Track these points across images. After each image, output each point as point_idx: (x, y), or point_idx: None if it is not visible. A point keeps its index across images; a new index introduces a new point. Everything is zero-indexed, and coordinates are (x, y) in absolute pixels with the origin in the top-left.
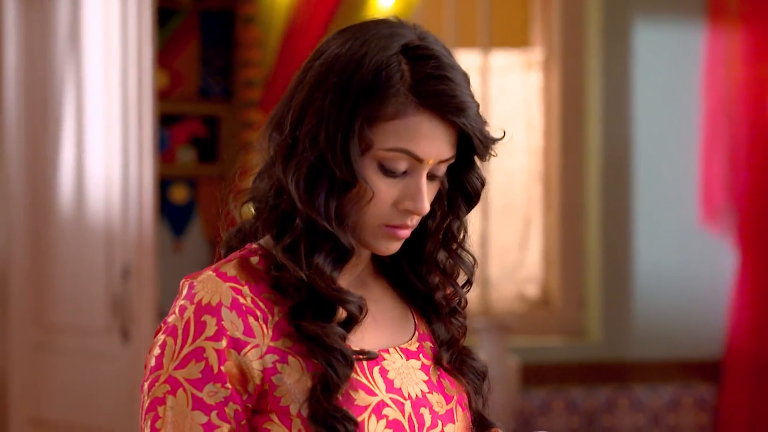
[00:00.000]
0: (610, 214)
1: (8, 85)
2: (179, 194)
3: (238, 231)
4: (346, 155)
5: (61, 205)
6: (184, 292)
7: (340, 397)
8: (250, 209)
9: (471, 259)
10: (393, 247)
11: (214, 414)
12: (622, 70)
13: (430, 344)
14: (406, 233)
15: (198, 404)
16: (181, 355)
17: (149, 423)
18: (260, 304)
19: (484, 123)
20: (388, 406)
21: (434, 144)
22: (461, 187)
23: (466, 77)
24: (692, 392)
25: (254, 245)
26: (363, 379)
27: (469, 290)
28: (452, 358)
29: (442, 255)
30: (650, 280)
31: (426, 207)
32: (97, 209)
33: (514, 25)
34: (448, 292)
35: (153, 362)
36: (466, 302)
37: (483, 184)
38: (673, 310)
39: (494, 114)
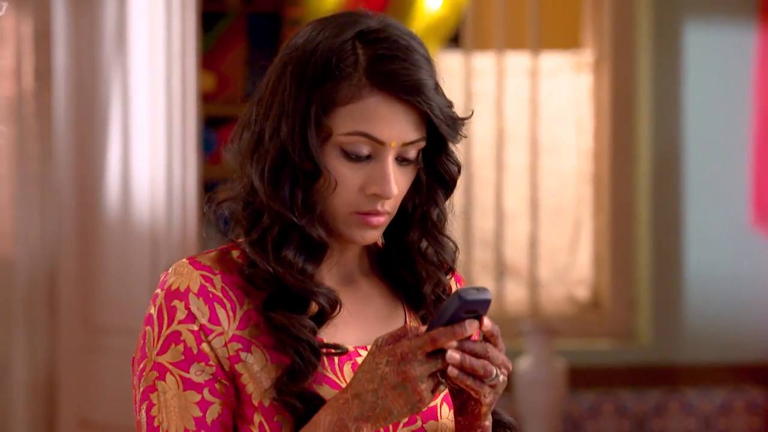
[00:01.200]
0: (660, 215)
1: (58, 87)
2: (224, 194)
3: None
4: (305, 144)
5: (108, 207)
6: (160, 280)
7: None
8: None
9: (453, 246)
10: (369, 235)
11: (206, 391)
12: (673, 70)
13: None
14: (378, 220)
15: (188, 384)
16: (161, 341)
17: (144, 413)
18: (230, 293)
19: (448, 103)
20: None
21: (394, 125)
22: (436, 173)
23: (426, 59)
24: (744, 396)
25: (239, 241)
26: (330, 374)
27: (451, 277)
28: None
29: (424, 243)
30: (701, 282)
31: (393, 190)
32: (143, 211)
33: (564, 26)
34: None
35: (138, 354)
36: (450, 289)
37: (459, 168)
38: (724, 313)
39: (544, 116)
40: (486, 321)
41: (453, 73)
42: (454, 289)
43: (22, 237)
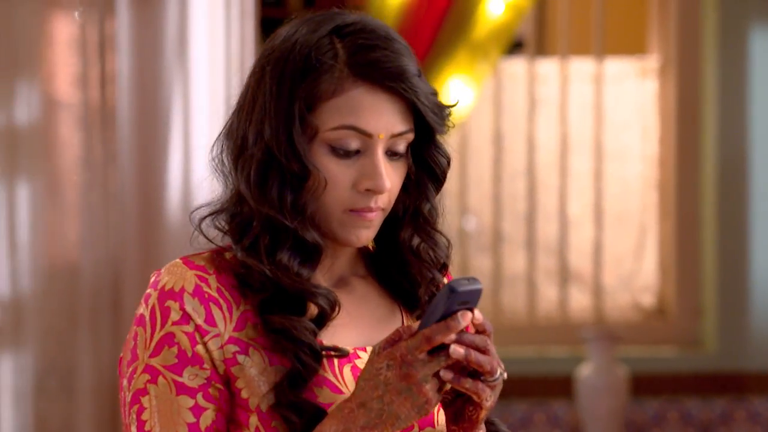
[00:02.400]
0: (726, 221)
1: (121, 94)
2: None
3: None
4: (290, 143)
5: (170, 212)
6: (151, 280)
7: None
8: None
9: (445, 241)
10: (363, 235)
11: (199, 396)
12: (739, 76)
13: None
14: (372, 216)
15: (181, 389)
16: (153, 343)
17: (135, 416)
18: (226, 294)
19: (433, 91)
20: None
21: (380, 116)
22: (426, 166)
23: (406, 48)
24: None
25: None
26: (330, 376)
27: (444, 274)
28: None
29: (416, 240)
30: (767, 288)
31: (386, 184)
32: None
33: (629, 32)
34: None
35: (129, 355)
36: (439, 286)
37: (448, 161)
38: None
39: (608, 122)
40: (477, 314)
41: (516, 79)
42: None
43: (86, 243)
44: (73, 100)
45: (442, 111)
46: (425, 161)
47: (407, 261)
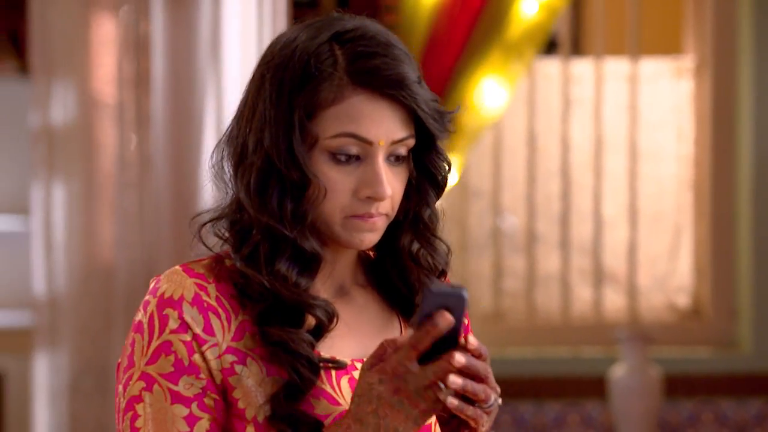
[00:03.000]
0: (762, 222)
1: (156, 94)
2: None
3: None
4: (290, 151)
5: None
6: (150, 287)
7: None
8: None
9: (445, 248)
10: (367, 238)
11: (194, 405)
12: None
13: None
14: (374, 221)
15: (176, 398)
16: (150, 350)
17: (128, 423)
18: (225, 303)
19: (433, 98)
20: None
21: (380, 124)
22: (426, 171)
23: (407, 54)
24: None
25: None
26: (327, 388)
27: (443, 279)
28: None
29: (415, 246)
30: None
31: (386, 191)
32: None
33: (665, 31)
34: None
35: (125, 362)
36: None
37: (449, 166)
38: None
39: (643, 122)
40: (472, 340)
41: (550, 80)
42: None
43: (121, 244)
44: (108, 101)
45: (442, 117)
46: (426, 167)
47: (406, 267)
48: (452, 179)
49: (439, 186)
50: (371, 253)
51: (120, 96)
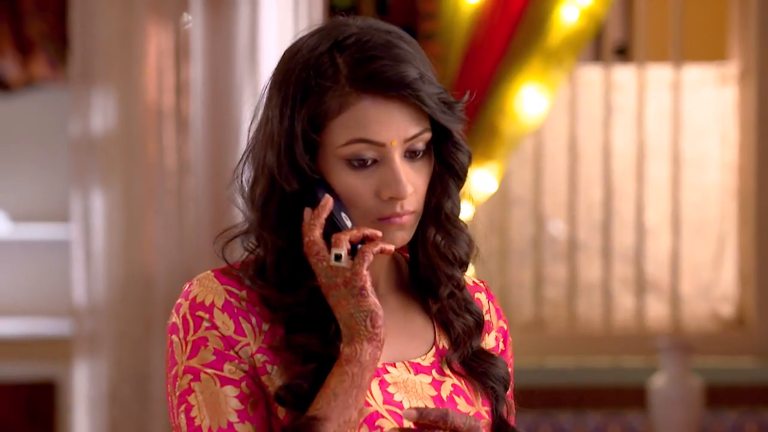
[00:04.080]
0: None
1: (195, 101)
2: None
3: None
4: (292, 164)
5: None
6: (183, 290)
7: None
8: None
9: (467, 239)
10: (399, 237)
11: (243, 385)
12: None
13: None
14: (404, 220)
15: (225, 381)
16: (189, 346)
17: (184, 416)
18: (255, 308)
19: (440, 90)
20: (383, 417)
21: (389, 125)
22: (445, 163)
23: (408, 51)
24: None
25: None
26: None
27: (465, 271)
28: (464, 360)
29: (438, 238)
30: None
31: (407, 189)
32: None
33: (708, 38)
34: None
35: (169, 363)
36: (462, 288)
37: (469, 156)
38: None
39: (686, 129)
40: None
41: (592, 87)
42: (483, 301)
43: (160, 251)
44: (148, 109)
45: (452, 108)
46: (444, 158)
47: (431, 259)
48: (490, 185)
49: (459, 177)
50: (406, 255)
51: (159, 103)
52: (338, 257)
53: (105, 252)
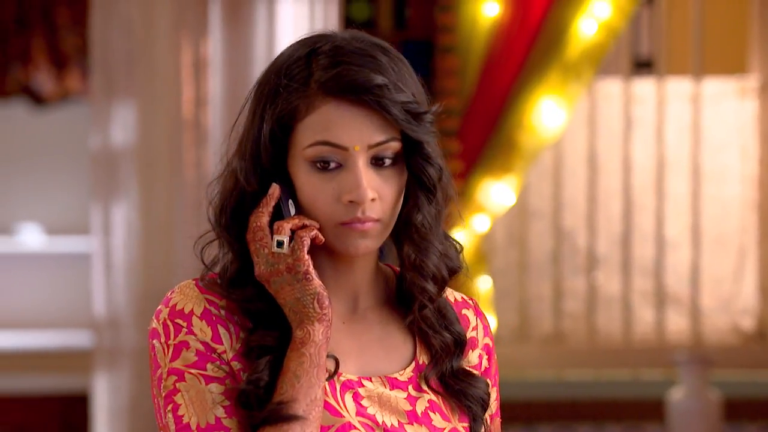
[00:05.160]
0: None
1: (214, 115)
2: None
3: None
4: (255, 163)
5: None
6: (165, 297)
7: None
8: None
9: (438, 253)
10: (361, 245)
11: (228, 382)
12: None
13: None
14: (366, 227)
15: (209, 379)
16: (171, 350)
17: (172, 416)
18: (234, 317)
19: (410, 99)
20: (355, 428)
21: (351, 129)
22: (414, 175)
23: (377, 61)
24: None
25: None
26: (331, 400)
27: (441, 285)
28: (442, 378)
29: (410, 251)
30: None
31: (366, 194)
32: None
33: (728, 51)
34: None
35: (152, 367)
36: (435, 298)
37: (439, 169)
38: None
39: (706, 142)
40: None
41: (612, 100)
42: (470, 317)
43: (179, 264)
44: (167, 122)
45: (419, 118)
46: (414, 171)
47: (405, 272)
48: (508, 198)
49: (429, 190)
50: (396, 269)
51: (179, 116)
52: (280, 243)
53: (125, 265)
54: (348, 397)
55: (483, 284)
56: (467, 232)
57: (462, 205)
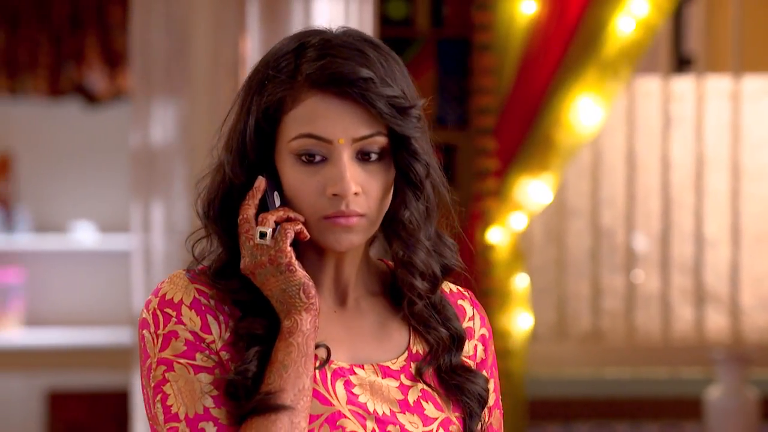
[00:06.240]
0: None
1: None
2: None
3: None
4: (242, 155)
5: None
6: (155, 287)
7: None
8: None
9: (425, 249)
10: (345, 239)
11: (217, 372)
12: None
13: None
14: (350, 222)
15: (198, 369)
16: (160, 339)
17: (160, 405)
18: (224, 308)
19: (397, 93)
20: (345, 417)
21: (335, 122)
22: (402, 171)
23: (364, 55)
24: None
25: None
26: (321, 389)
27: (431, 281)
28: (438, 372)
29: (398, 248)
30: None
31: (349, 187)
32: None
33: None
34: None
35: (142, 357)
36: (424, 295)
37: (425, 165)
38: None
39: (746, 139)
40: None
41: (651, 97)
42: (466, 308)
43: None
44: (206, 120)
45: (404, 113)
46: (401, 167)
47: (395, 267)
48: (545, 196)
49: (416, 186)
50: (390, 264)
51: (217, 115)
52: (263, 235)
53: (164, 262)
54: (339, 385)
55: (520, 282)
56: (504, 230)
57: (499, 204)
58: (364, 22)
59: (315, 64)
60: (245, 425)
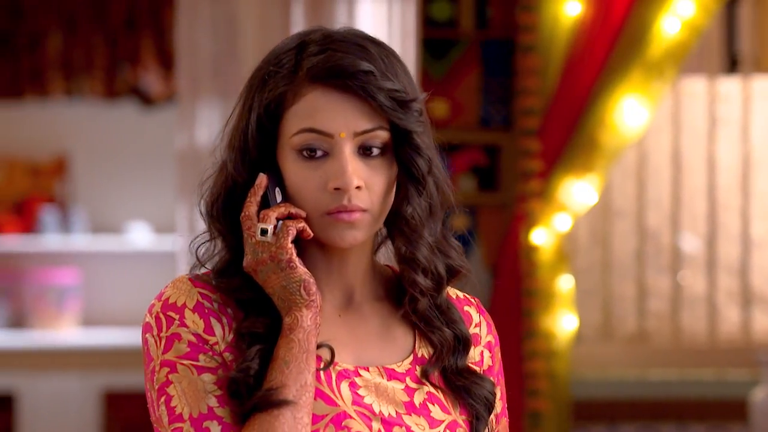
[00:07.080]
0: None
1: None
2: (459, 222)
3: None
4: (245, 154)
5: None
6: (158, 292)
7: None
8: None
9: (427, 245)
10: (348, 235)
11: (220, 372)
12: None
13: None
14: (353, 217)
15: (201, 369)
16: (163, 342)
17: (164, 407)
18: (228, 310)
19: (396, 87)
20: (351, 417)
21: (337, 116)
22: (404, 166)
23: (364, 50)
24: None
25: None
26: (326, 389)
27: (434, 279)
28: (444, 375)
29: (400, 244)
30: None
31: (352, 181)
32: None
33: None
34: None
35: (145, 360)
36: (426, 292)
37: (426, 160)
38: None
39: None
40: None
41: (697, 98)
42: (473, 314)
43: None
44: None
45: (405, 106)
46: (403, 162)
47: (398, 264)
48: (590, 197)
49: (419, 181)
50: (395, 268)
51: None
52: (264, 232)
53: (209, 264)
54: (344, 386)
55: (565, 283)
56: (549, 231)
57: (543, 205)
58: (408, 23)
59: (315, 58)
60: (248, 422)
